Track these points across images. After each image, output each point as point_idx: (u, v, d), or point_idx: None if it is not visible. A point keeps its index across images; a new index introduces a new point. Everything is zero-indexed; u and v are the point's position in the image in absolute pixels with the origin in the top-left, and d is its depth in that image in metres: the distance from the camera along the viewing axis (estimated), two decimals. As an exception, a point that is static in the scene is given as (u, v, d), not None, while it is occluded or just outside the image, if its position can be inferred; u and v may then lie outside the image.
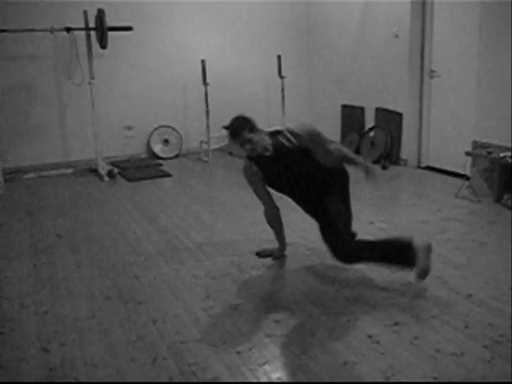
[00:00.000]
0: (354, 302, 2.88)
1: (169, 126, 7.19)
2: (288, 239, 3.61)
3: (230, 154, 7.19)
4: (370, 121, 6.75)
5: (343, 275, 3.26)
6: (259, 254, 3.58)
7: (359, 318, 2.70)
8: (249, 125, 3.13)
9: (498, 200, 4.60)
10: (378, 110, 6.55)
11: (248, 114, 3.24)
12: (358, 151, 6.80)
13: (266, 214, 3.45)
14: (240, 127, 3.12)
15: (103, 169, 6.16)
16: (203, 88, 6.76)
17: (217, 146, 7.24)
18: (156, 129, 7.14)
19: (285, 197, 3.34)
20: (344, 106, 7.19)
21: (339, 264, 3.40)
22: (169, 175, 6.19)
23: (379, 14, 6.29)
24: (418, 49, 5.89)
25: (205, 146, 6.94)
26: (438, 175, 5.72)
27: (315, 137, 2.98)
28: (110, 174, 6.09)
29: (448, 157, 5.71)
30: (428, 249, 2.92)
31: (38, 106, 6.49)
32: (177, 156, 7.22)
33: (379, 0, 6.23)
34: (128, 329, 2.68)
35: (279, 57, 7.14)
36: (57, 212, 4.84)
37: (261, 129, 3.20)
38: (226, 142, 7.35)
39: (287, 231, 3.64)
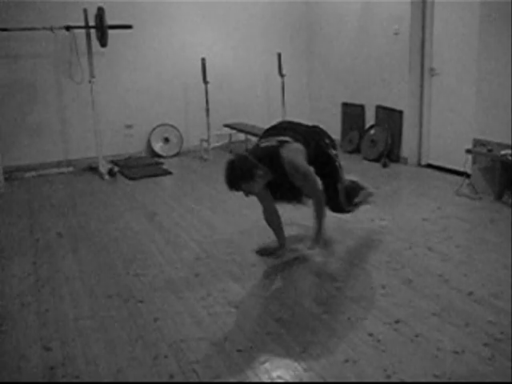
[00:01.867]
0: (355, 300, 2.88)
1: (169, 125, 7.19)
2: (289, 237, 3.62)
3: (231, 152, 7.19)
4: (370, 119, 6.74)
5: (344, 273, 3.26)
6: (260, 252, 3.58)
7: (360, 316, 2.70)
8: (245, 175, 3.00)
9: (499, 198, 4.60)
10: (378, 107, 6.55)
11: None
12: (358, 149, 6.80)
13: (265, 213, 3.46)
14: (236, 182, 3.03)
15: (103, 167, 6.16)
16: (203, 86, 6.75)
17: (217, 144, 7.24)
18: (156, 127, 7.13)
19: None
20: (344, 104, 7.19)
21: (340, 262, 3.41)
22: (169, 173, 6.19)
23: (379, 11, 6.28)
24: (418, 47, 5.89)
25: (205, 145, 6.94)
26: (439, 173, 5.72)
27: (295, 171, 3.09)
28: (111, 173, 6.09)
29: (448, 155, 5.71)
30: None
31: (38, 105, 6.48)
32: (177, 154, 7.22)
33: (379, -2, 6.23)
34: (129, 327, 2.68)
35: (279, 55, 7.13)
36: (57, 211, 4.84)
37: (256, 162, 3.06)
38: (227, 140, 7.36)
39: (289, 230, 3.64)
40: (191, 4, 7.04)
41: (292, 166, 3.08)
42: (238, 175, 3.02)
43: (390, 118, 6.32)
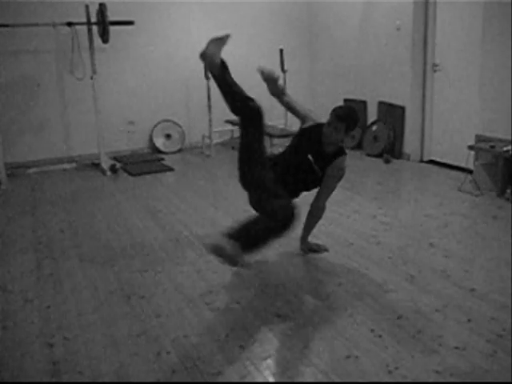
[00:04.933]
0: (357, 297, 2.88)
1: (171, 121, 7.19)
2: (292, 234, 3.61)
3: (233, 148, 7.19)
4: (372, 115, 6.73)
5: (346, 269, 3.26)
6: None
7: (361, 312, 2.71)
8: (356, 123, 3.21)
9: (501, 194, 4.59)
10: (380, 103, 6.54)
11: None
12: (360, 145, 6.79)
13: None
14: (348, 119, 3.17)
15: (105, 163, 6.17)
16: (205, 82, 6.74)
17: (219, 141, 7.24)
18: (158, 123, 7.13)
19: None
20: (346, 100, 7.17)
21: (342, 258, 3.41)
22: (171, 170, 6.19)
23: (382, 7, 6.26)
24: (420, 42, 5.87)
25: (207, 141, 6.94)
26: (441, 169, 5.71)
27: None
28: (113, 169, 6.09)
29: (451, 151, 5.70)
30: None
31: (40, 101, 6.49)
32: (179, 150, 7.22)
33: (382, -7, 6.21)
34: (131, 323, 2.69)
35: (281, 50, 7.12)
36: (59, 207, 4.85)
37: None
38: (229, 136, 7.35)
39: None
40: (193, 0, 7.02)
41: (340, 167, 3.24)
42: (346, 116, 3.16)
43: (392, 113, 6.31)
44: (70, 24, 5.91)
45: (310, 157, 3.22)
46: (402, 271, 3.18)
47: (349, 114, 3.17)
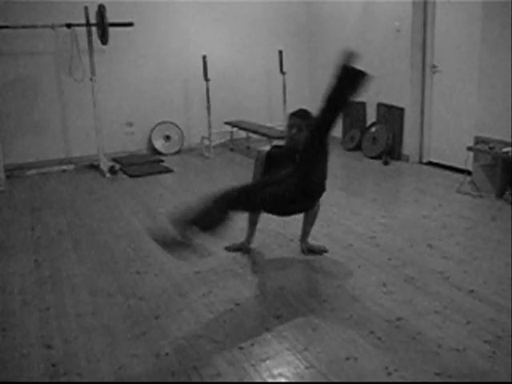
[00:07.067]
0: (356, 298, 2.88)
1: (170, 122, 7.19)
2: (290, 236, 3.62)
3: (232, 150, 7.19)
4: (371, 116, 6.73)
5: (344, 271, 3.26)
6: (228, 249, 3.61)
7: (361, 314, 2.70)
8: (309, 120, 3.37)
9: (500, 195, 4.60)
10: (379, 105, 6.54)
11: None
12: (359, 147, 6.80)
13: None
14: (308, 116, 3.40)
15: (105, 165, 6.16)
16: (204, 84, 6.74)
17: (218, 142, 7.24)
18: (157, 125, 7.13)
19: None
20: (345, 102, 7.16)
21: (341, 260, 3.41)
22: (170, 171, 6.18)
23: (381, 8, 6.26)
24: (419, 44, 5.88)
25: (206, 142, 6.94)
26: (440, 170, 5.72)
27: None
28: (112, 170, 6.09)
29: (450, 152, 5.70)
30: None
31: (39, 103, 6.48)
32: (178, 152, 7.21)
33: (381, -5, 6.22)
34: (130, 325, 2.69)
35: (280, 52, 7.12)
36: (59, 208, 4.84)
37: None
38: (228, 137, 7.36)
39: (289, 229, 3.64)
40: (192, 2, 7.03)
41: None
42: (306, 115, 3.43)
43: (392, 115, 6.31)
44: (69, 25, 5.91)
45: None
46: (400, 273, 3.18)
47: (306, 112, 3.43)
